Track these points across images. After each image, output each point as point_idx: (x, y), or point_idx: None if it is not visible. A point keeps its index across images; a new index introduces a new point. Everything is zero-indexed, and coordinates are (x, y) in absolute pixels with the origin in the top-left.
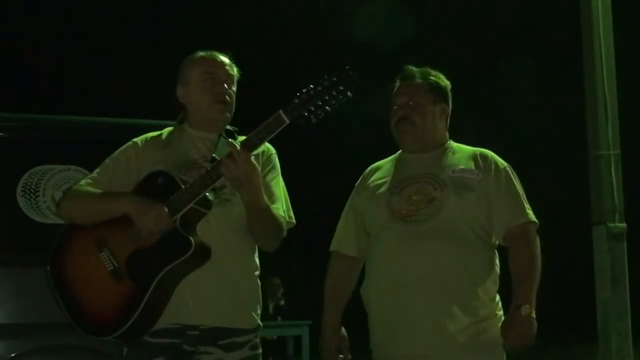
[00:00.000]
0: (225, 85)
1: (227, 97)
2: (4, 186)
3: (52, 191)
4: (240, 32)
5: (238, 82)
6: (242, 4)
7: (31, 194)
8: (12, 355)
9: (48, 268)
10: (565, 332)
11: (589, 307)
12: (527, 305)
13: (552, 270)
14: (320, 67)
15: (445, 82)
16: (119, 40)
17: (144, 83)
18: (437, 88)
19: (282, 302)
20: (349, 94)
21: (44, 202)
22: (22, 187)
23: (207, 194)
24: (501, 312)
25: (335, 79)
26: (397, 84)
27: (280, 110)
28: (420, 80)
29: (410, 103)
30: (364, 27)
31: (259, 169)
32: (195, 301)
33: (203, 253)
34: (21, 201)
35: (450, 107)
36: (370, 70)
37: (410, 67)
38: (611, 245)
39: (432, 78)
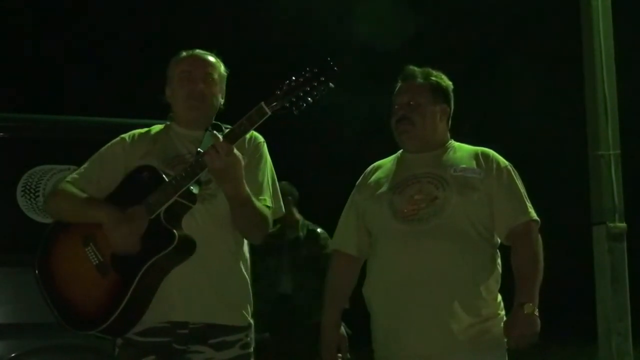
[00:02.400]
0: (202, 83)
1: (200, 94)
2: (4, 186)
3: None
4: (239, 31)
5: (228, 79)
6: (241, 3)
7: (31, 194)
8: (12, 355)
9: (35, 263)
10: (565, 332)
11: (589, 307)
12: (531, 304)
13: (552, 270)
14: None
15: (447, 83)
16: (119, 40)
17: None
18: (438, 88)
19: None
20: (330, 85)
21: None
22: (22, 187)
23: (192, 187)
24: (503, 312)
25: (316, 70)
26: (399, 84)
27: (262, 102)
28: (421, 81)
29: (411, 103)
30: (365, 26)
31: (242, 161)
32: (181, 298)
33: (187, 246)
34: (21, 201)
35: (452, 107)
36: (372, 70)
37: (411, 67)
38: (611, 245)
39: (433, 78)
